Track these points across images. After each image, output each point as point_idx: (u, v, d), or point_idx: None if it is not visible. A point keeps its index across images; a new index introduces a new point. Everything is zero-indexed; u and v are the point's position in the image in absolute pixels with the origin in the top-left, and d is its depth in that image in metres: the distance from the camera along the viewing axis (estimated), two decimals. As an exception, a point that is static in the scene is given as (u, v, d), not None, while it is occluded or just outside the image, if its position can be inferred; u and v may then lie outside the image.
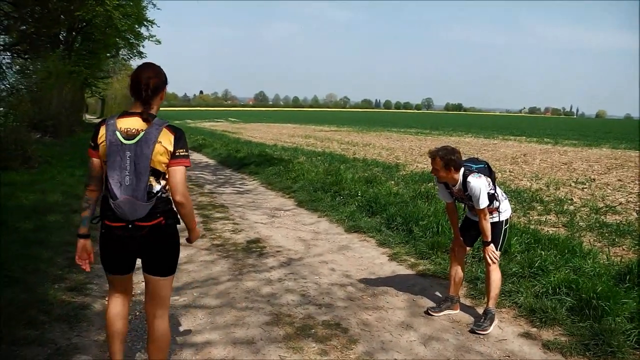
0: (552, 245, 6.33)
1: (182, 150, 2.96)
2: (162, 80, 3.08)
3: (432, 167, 4.61)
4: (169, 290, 3.29)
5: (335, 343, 4.22)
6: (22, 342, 3.88)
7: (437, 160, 4.50)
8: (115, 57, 39.04)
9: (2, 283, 4.78)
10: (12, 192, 8.84)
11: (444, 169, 4.51)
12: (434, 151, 4.57)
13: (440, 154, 4.49)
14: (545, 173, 14.33)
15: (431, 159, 4.57)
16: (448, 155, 4.48)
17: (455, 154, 4.53)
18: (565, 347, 4.15)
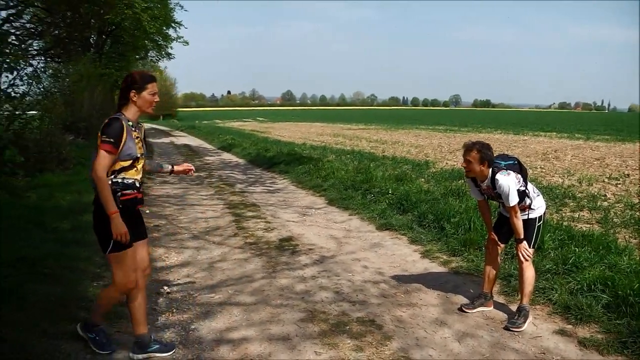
0: (586, 241, 6.27)
1: (104, 136, 3.48)
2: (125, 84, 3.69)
3: (465, 159, 4.58)
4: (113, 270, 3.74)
5: (370, 339, 4.26)
6: (63, 337, 4.00)
7: (474, 154, 4.49)
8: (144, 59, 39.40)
9: (44, 281, 4.92)
10: (50, 193, 9.04)
11: (478, 162, 4.50)
12: (471, 144, 4.57)
13: (478, 147, 4.50)
14: (577, 169, 14.15)
15: (466, 151, 4.56)
16: (484, 150, 4.49)
17: (490, 149, 4.54)
18: (602, 345, 4.12)
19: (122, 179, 3.62)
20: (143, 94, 3.65)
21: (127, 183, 3.65)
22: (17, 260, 5.22)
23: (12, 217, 7.03)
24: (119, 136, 3.51)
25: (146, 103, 3.68)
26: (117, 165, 3.58)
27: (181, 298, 5.14)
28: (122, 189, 3.62)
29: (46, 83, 13.76)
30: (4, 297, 4.39)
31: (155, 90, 3.72)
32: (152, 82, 3.70)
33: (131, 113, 3.68)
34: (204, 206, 9.93)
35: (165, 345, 4.02)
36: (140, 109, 3.70)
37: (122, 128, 3.53)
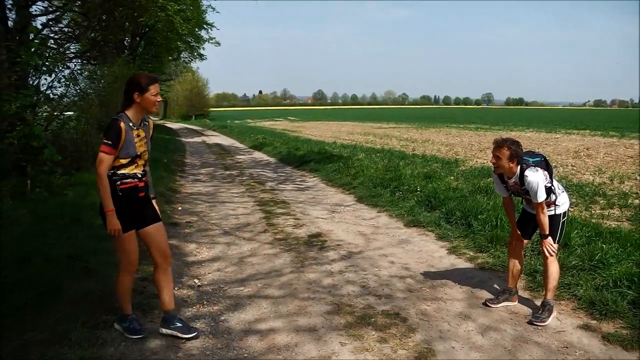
0: (613, 238, 6.26)
1: (104, 138, 3.81)
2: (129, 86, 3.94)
3: (494, 155, 4.63)
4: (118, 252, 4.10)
5: (394, 331, 4.36)
6: (101, 327, 4.23)
7: (504, 150, 4.54)
8: (176, 60, 40.03)
9: (83, 275, 5.14)
10: (86, 191, 9.30)
11: (508, 159, 4.56)
12: (502, 140, 4.62)
13: (508, 144, 4.55)
14: (609, 167, 13.98)
15: (496, 147, 4.61)
16: (515, 147, 4.55)
17: (520, 147, 4.60)
18: (626, 340, 4.15)
19: (121, 174, 3.93)
20: (146, 95, 3.90)
21: (126, 174, 3.96)
22: (64, 257, 5.45)
23: (53, 215, 7.30)
24: (117, 138, 3.81)
25: (149, 104, 3.94)
26: (117, 162, 3.89)
27: (212, 291, 5.31)
28: (121, 179, 3.93)
29: (82, 84, 14.12)
30: (51, 290, 4.61)
31: (157, 91, 3.97)
32: (154, 83, 3.95)
33: (134, 113, 3.95)
34: (234, 203, 10.12)
35: (189, 329, 4.25)
36: (144, 109, 3.98)
37: (120, 130, 3.82)
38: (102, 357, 3.76)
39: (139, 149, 3.98)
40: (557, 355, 3.99)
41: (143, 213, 4.13)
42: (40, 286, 4.63)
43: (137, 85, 3.90)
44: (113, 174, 3.89)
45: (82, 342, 3.86)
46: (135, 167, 4.00)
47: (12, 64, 9.42)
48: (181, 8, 24.68)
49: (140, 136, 4.00)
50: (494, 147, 4.66)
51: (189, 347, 4.06)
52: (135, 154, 3.95)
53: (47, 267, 5.12)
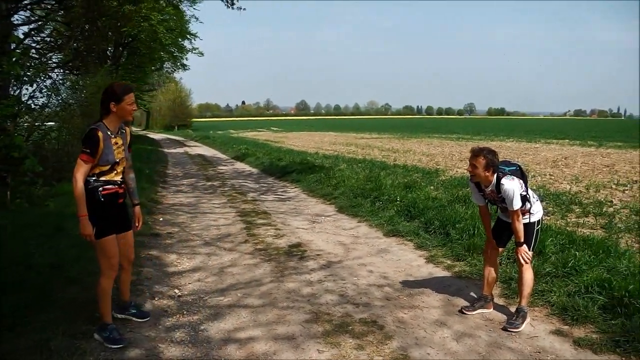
0: (586, 245, 6.40)
1: (83, 146, 3.99)
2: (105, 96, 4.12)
3: (471, 164, 4.72)
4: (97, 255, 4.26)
5: (371, 339, 4.44)
6: (81, 337, 4.26)
7: (480, 159, 4.65)
8: (159, 70, 40.01)
9: (64, 283, 5.17)
10: (68, 201, 9.29)
11: (484, 168, 4.66)
12: (479, 149, 4.71)
13: (485, 153, 4.65)
14: (586, 176, 14.20)
15: (473, 156, 4.70)
16: (490, 156, 4.66)
17: (496, 156, 4.71)
18: (596, 344, 4.27)
19: (103, 180, 4.14)
20: (122, 105, 4.09)
21: (107, 181, 4.18)
22: (46, 266, 5.47)
23: (34, 224, 7.31)
24: (95, 146, 4.00)
25: (126, 112, 4.14)
26: (97, 169, 4.10)
27: (192, 301, 5.35)
28: (103, 185, 4.14)
29: (64, 95, 14.07)
30: (32, 299, 4.64)
31: (132, 100, 4.17)
32: (130, 93, 4.15)
33: (111, 122, 4.14)
34: (216, 214, 10.16)
35: (142, 312, 4.80)
36: (121, 118, 4.18)
37: (98, 138, 4.02)
38: (82, 367, 3.80)
39: (117, 156, 4.18)
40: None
41: (121, 219, 4.36)
42: (21, 295, 4.66)
43: (113, 95, 4.08)
44: (95, 181, 4.09)
45: (61, 352, 3.89)
46: (115, 174, 4.22)
47: (-7, 74, 9.42)
48: (164, 18, 24.70)
49: (118, 144, 4.20)
50: (470, 156, 4.75)
51: (169, 356, 4.12)
52: (114, 160, 4.15)
53: (29, 276, 5.15)
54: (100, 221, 4.09)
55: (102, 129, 4.07)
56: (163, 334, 4.52)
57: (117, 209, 4.31)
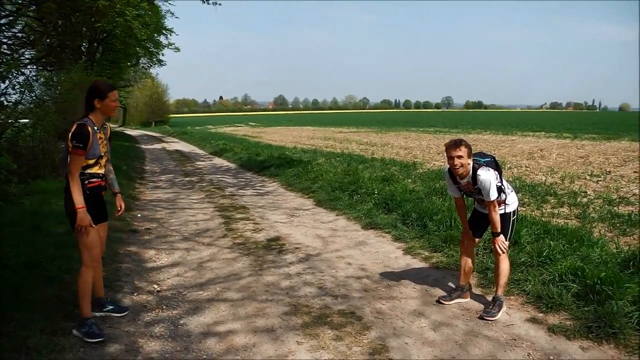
0: (561, 235, 6.51)
1: (74, 141, 4.10)
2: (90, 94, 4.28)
3: (455, 156, 4.70)
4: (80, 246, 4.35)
5: (350, 329, 4.49)
6: (60, 333, 4.24)
7: (463, 148, 4.68)
8: (135, 65, 39.69)
9: (43, 282, 5.13)
10: (44, 199, 9.21)
11: (468, 156, 4.71)
12: (458, 140, 4.75)
13: (465, 143, 4.71)
14: (561, 167, 14.41)
15: (455, 147, 4.69)
16: (468, 143, 4.74)
17: (468, 143, 4.78)
18: (569, 330, 4.36)
19: (88, 173, 4.29)
20: (105, 102, 4.27)
21: (92, 174, 4.33)
22: (22, 265, 5.42)
23: (10, 223, 7.22)
24: (86, 140, 4.15)
25: (109, 109, 4.33)
26: (85, 162, 4.24)
27: (171, 295, 5.36)
28: (88, 179, 4.30)
29: (38, 91, 13.85)
30: (9, 297, 4.60)
31: (115, 97, 4.35)
32: (113, 90, 4.35)
33: (96, 118, 4.31)
34: (194, 209, 10.14)
35: (119, 307, 4.84)
36: (104, 114, 4.36)
37: (89, 133, 4.17)
38: (61, 363, 3.79)
39: (102, 150, 4.36)
40: (505, 348, 4.17)
41: (100, 210, 4.49)
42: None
43: (97, 93, 4.27)
44: (81, 174, 4.24)
45: (40, 349, 3.87)
46: (99, 167, 4.38)
47: (-37, 70, 9.27)
48: (140, 13, 24.55)
49: (102, 138, 4.39)
50: (451, 149, 4.73)
51: (149, 350, 4.12)
52: (99, 154, 4.33)
53: (5, 275, 5.09)
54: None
55: (89, 124, 4.21)
56: (142, 329, 4.52)
57: (98, 201, 4.48)
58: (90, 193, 4.31)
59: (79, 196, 4.15)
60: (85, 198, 4.22)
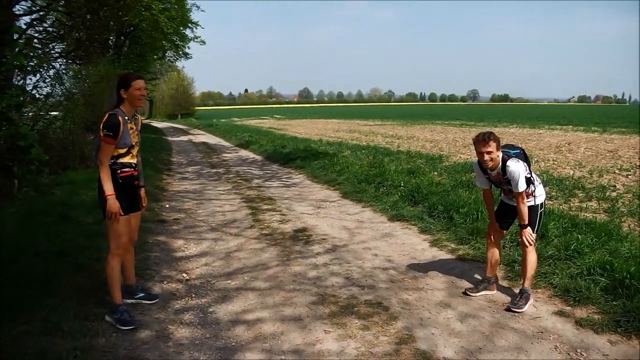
0: (589, 229, 6.47)
1: (105, 130, 4.21)
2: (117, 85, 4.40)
3: (485, 152, 4.69)
4: (108, 234, 4.43)
5: (377, 319, 4.53)
6: (92, 319, 4.36)
7: (492, 143, 4.66)
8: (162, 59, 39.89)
9: (74, 270, 5.25)
10: (73, 190, 9.40)
11: (497, 149, 4.70)
12: (484, 135, 4.70)
13: (492, 137, 4.68)
14: (589, 161, 14.23)
15: (484, 143, 4.67)
16: (497, 137, 4.71)
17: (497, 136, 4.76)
18: (597, 324, 4.34)
19: (120, 163, 4.40)
20: (130, 91, 4.35)
21: (124, 164, 4.43)
22: (54, 253, 5.55)
23: (41, 212, 7.39)
24: (116, 129, 4.25)
25: (134, 98, 4.39)
26: (116, 152, 4.34)
27: (200, 284, 5.45)
28: (120, 168, 4.40)
29: (68, 84, 14.08)
30: (41, 285, 4.72)
31: (140, 86, 4.40)
32: (137, 79, 4.41)
33: (126, 108, 4.40)
34: (221, 200, 10.25)
35: (150, 295, 4.96)
36: (131, 104, 4.42)
37: (119, 122, 4.27)
38: (95, 347, 3.88)
39: (133, 140, 4.44)
40: (532, 340, 4.17)
41: (135, 201, 4.60)
42: (31, 281, 4.74)
43: (122, 83, 4.38)
44: (113, 163, 4.35)
45: (74, 333, 3.97)
46: (131, 157, 4.48)
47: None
48: (166, 7, 24.67)
49: (133, 128, 4.46)
50: (480, 145, 4.71)
51: (179, 337, 4.21)
52: (131, 144, 4.41)
53: (37, 263, 5.22)
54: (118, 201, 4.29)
55: (120, 114, 4.31)
56: (172, 316, 4.61)
57: (131, 191, 4.55)
58: (123, 182, 4.40)
59: (108, 184, 4.25)
60: (117, 187, 4.31)
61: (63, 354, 3.57)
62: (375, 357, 3.87)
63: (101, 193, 4.28)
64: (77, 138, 12.97)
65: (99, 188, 4.32)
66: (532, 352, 3.95)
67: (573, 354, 3.91)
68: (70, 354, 3.59)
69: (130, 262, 4.82)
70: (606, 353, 3.92)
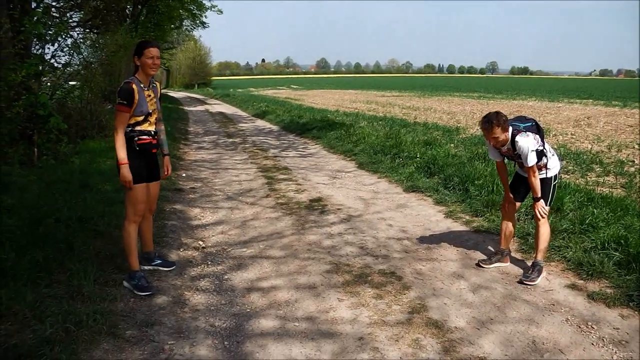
0: (605, 203, 6.45)
1: (119, 98, 4.26)
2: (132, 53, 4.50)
3: (491, 138, 4.71)
4: (126, 201, 4.50)
5: (390, 289, 4.59)
6: (111, 284, 4.47)
7: (496, 129, 4.63)
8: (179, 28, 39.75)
9: (92, 236, 5.36)
10: (92, 158, 9.51)
11: (503, 132, 4.68)
12: (487, 121, 4.67)
13: (494, 122, 4.63)
14: (608, 135, 14.11)
15: (489, 129, 4.66)
16: (500, 120, 4.66)
17: (502, 116, 4.71)
18: (609, 298, 4.35)
19: (138, 130, 4.42)
20: (142, 58, 4.37)
21: (142, 131, 4.46)
22: (74, 220, 5.65)
23: (61, 180, 7.50)
24: (130, 97, 4.29)
25: (146, 66, 4.39)
26: (133, 119, 4.37)
27: (216, 252, 5.54)
28: (138, 135, 4.43)
29: (85, 53, 14.09)
30: (63, 250, 4.84)
31: (152, 54, 4.40)
32: (149, 47, 4.41)
33: (141, 76, 4.43)
34: (237, 170, 10.33)
35: (167, 262, 5.06)
36: (144, 72, 4.43)
37: (133, 90, 4.30)
38: (114, 311, 3.98)
39: (150, 107, 4.47)
40: (543, 312, 4.20)
41: (152, 168, 4.62)
42: (52, 246, 4.85)
43: (136, 51, 4.43)
44: (131, 131, 4.39)
45: (94, 298, 4.08)
46: (149, 124, 4.50)
47: (16, 32, 9.51)
48: (183, -25, 24.54)
49: (150, 96, 4.49)
50: (485, 132, 4.73)
51: (195, 302, 4.30)
52: (147, 111, 4.44)
53: (58, 229, 5.32)
54: (133, 169, 4.33)
55: (135, 82, 4.34)
56: (189, 283, 4.70)
57: (149, 159, 4.59)
58: (140, 149, 4.44)
59: (122, 151, 4.29)
60: (135, 154, 4.37)
61: (83, 317, 3.66)
62: (387, 325, 3.92)
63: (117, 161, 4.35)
64: (95, 107, 13.07)
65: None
66: (543, 324, 3.98)
67: (584, 327, 3.94)
68: (90, 318, 3.68)
69: (148, 230, 4.89)
70: (617, 327, 3.94)
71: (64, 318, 3.62)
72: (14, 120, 8.56)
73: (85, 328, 3.57)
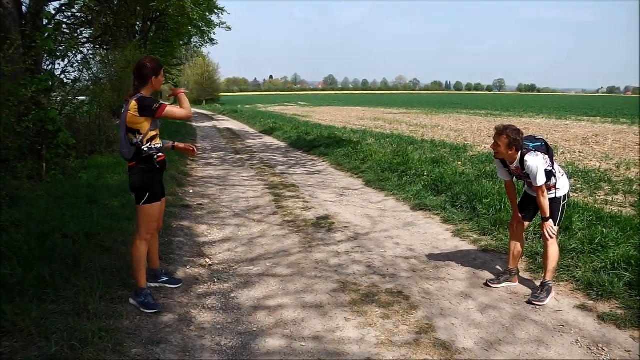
0: (614, 222, 6.40)
1: (153, 104, 4.24)
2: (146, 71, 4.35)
3: (495, 142, 4.77)
4: (140, 219, 4.46)
5: (397, 308, 4.55)
6: (117, 301, 4.45)
7: (504, 138, 4.67)
8: (187, 44, 40.03)
9: (101, 252, 5.35)
10: (100, 173, 9.54)
11: (507, 147, 4.69)
12: (503, 128, 4.74)
13: (508, 132, 4.66)
14: (616, 153, 14.04)
15: (497, 134, 4.73)
16: (514, 135, 4.66)
17: (520, 135, 4.71)
18: (620, 319, 4.30)
19: (155, 145, 4.42)
20: (159, 78, 4.46)
21: (158, 147, 4.46)
22: (81, 235, 5.65)
23: (69, 195, 7.52)
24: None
25: (159, 84, 4.49)
26: (149, 134, 4.35)
27: (222, 269, 5.52)
28: (156, 153, 4.43)
29: (95, 69, 14.22)
30: (69, 266, 4.83)
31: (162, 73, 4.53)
32: (163, 67, 4.57)
33: (148, 93, 4.44)
34: (245, 187, 10.32)
35: (173, 279, 5.05)
36: (155, 89, 4.51)
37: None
38: (119, 329, 3.96)
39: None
40: (552, 333, 4.15)
41: (162, 185, 4.66)
42: (58, 261, 4.84)
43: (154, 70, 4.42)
44: (149, 149, 4.38)
45: (100, 314, 4.06)
46: (159, 139, 4.52)
47: (28, 49, 9.60)
48: (192, -8, 24.71)
49: None
50: (495, 134, 4.79)
51: (201, 321, 4.27)
52: (159, 125, 4.51)
53: (65, 244, 5.32)
54: (153, 187, 4.41)
55: None
56: (195, 301, 4.68)
57: (162, 176, 4.64)
58: (160, 166, 4.48)
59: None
60: (155, 172, 4.45)
61: (89, 334, 3.64)
62: (395, 346, 3.89)
63: (136, 181, 4.37)
64: (103, 122, 13.16)
65: (132, 176, 4.40)
66: (552, 346, 3.94)
67: (594, 349, 3.89)
68: (96, 335, 3.66)
69: (154, 247, 4.89)
70: (629, 349, 3.89)
71: (69, 335, 3.60)
72: (23, 135, 8.61)
73: (90, 346, 3.55)
